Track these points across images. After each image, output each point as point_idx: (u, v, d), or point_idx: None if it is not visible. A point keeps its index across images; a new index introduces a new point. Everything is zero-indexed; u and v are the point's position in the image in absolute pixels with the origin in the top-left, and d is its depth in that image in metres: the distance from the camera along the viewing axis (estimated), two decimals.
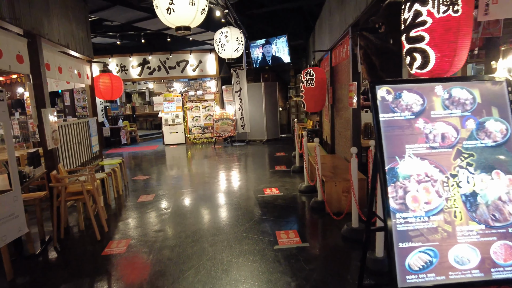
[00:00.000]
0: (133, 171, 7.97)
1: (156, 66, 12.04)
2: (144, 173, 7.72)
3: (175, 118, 12.22)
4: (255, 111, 11.51)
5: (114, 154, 10.83)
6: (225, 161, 8.64)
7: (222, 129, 11.47)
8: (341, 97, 6.33)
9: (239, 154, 9.54)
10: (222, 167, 7.92)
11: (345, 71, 5.83)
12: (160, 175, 7.42)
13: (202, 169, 7.86)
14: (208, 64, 12.18)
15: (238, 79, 11.16)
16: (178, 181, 6.72)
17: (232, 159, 8.82)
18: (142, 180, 6.98)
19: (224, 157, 9.25)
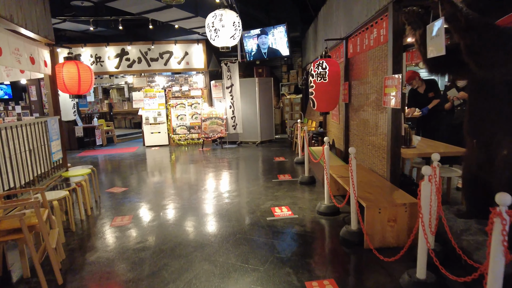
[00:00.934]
0: (107, 180, 6.65)
1: (136, 57, 10.67)
2: (121, 182, 6.42)
3: (157, 117, 10.89)
4: (248, 110, 10.32)
5: (87, 158, 9.42)
6: (217, 167, 7.43)
7: (211, 130, 10.23)
8: (362, 94, 5.23)
9: (232, 159, 8.34)
10: (214, 175, 6.71)
11: (371, 62, 4.72)
12: (139, 186, 6.15)
13: (190, 178, 6.63)
14: (195, 56, 10.90)
15: (230, 73, 9.94)
16: (161, 196, 5.48)
17: (224, 165, 7.61)
18: (118, 193, 5.70)
19: (215, 162, 8.03)
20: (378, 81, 4.45)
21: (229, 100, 10.10)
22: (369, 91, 4.88)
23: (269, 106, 10.61)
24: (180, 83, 11.15)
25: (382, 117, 4.32)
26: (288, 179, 6.12)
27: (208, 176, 6.68)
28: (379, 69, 4.40)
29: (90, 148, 11.18)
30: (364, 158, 5.13)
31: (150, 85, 11.08)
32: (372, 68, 4.72)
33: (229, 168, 7.35)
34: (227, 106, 10.21)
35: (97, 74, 10.75)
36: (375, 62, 4.57)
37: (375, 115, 4.59)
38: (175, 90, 10.97)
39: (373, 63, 4.67)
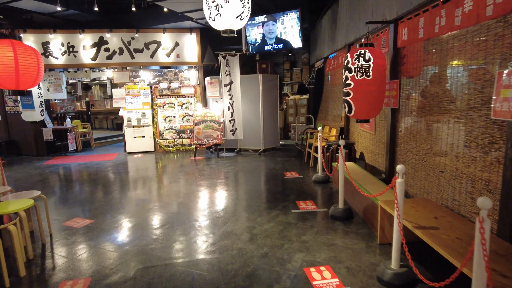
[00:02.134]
0: (68, 206, 4.99)
1: (117, 48, 8.97)
2: (86, 210, 4.78)
3: (141, 118, 9.22)
4: (249, 112, 8.73)
5: (54, 168, 7.70)
6: (213, 186, 5.83)
7: (205, 135, 8.61)
8: (428, 98, 3.70)
9: (231, 172, 6.75)
10: (209, 201, 5.11)
11: (453, 51, 3.18)
12: (109, 217, 4.52)
13: (181, 202, 5.02)
14: (188, 47, 9.25)
15: (229, 68, 8.33)
16: (140, 237, 3.87)
17: (222, 183, 6.02)
18: (79, 229, 4.06)
19: (211, 176, 6.43)
20: (474, 78, 2.91)
21: (228, 100, 8.49)
22: (445, 95, 3.34)
23: (274, 107, 9.03)
24: (169, 79, 9.50)
25: (485, 134, 2.78)
26: (312, 209, 4.56)
27: (202, 202, 5.07)
28: (478, 59, 2.86)
29: (62, 154, 9.45)
30: (430, 188, 3.59)
31: (133, 81, 9.40)
32: (458, 58, 3.17)
33: (229, 187, 5.75)
34: (224, 107, 8.60)
35: (69, 67, 9.02)
36: (466, 49, 3.02)
37: (465, 129, 3.04)
38: (163, 87, 9.31)
39: (460, 51, 3.12)
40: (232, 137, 8.65)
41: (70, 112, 10.64)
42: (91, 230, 4.04)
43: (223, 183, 5.99)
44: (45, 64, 8.58)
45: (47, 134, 9.13)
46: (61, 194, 5.64)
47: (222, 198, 5.15)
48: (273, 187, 5.69)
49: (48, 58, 8.75)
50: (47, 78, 9.01)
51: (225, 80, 8.45)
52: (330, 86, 8.29)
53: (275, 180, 6.15)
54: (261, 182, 6.06)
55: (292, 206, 4.67)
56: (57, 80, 9.06)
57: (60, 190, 5.89)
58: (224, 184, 5.93)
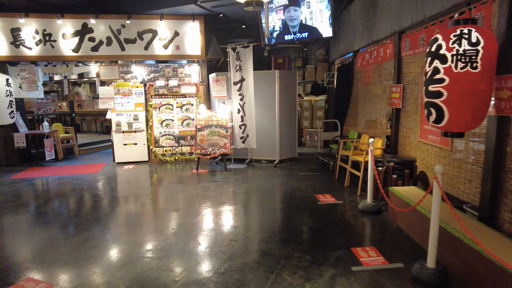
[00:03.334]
0: (19, 256, 3.48)
1: (104, 37, 7.46)
2: (44, 263, 3.27)
3: (132, 122, 7.71)
4: (263, 116, 7.26)
5: (22, 184, 6.16)
6: (223, 216, 4.35)
7: (210, 143, 7.11)
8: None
9: (245, 194, 5.26)
10: (220, 247, 3.62)
11: None
12: (78, 276, 3.00)
13: (176, 251, 3.51)
14: (189, 37, 7.76)
15: (239, 62, 6.84)
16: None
17: (235, 211, 4.54)
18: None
19: (218, 200, 4.94)
20: None
21: (238, 101, 7.00)
22: None
23: (292, 110, 7.56)
24: (167, 75, 8.00)
25: None
26: (380, 263, 3.07)
27: (207, 254, 3.57)
28: None
29: (39, 164, 7.91)
30: None
31: (124, 78, 7.89)
32: None
33: (246, 220, 4.26)
34: (233, 110, 7.11)
35: (45, 60, 7.48)
36: None
37: None
38: (159, 85, 7.80)
39: None
40: (242, 145, 7.16)
41: (50, 114, 9.08)
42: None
43: (236, 213, 4.50)
44: (16, 55, 7.07)
45: (19, 141, 7.58)
46: (16, 230, 4.11)
47: (237, 242, 3.65)
48: (308, 220, 4.20)
49: (19, 48, 7.22)
50: (18, 73, 7.47)
51: (235, 77, 6.96)
52: (362, 85, 6.83)
53: (306, 207, 4.66)
54: (289, 211, 4.57)
55: (349, 257, 3.18)
56: (31, 75, 7.52)
57: (15, 223, 4.36)
58: (237, 215, 4.44)
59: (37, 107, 8.69)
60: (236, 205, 4.76)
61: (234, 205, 4.76)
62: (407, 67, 4.97)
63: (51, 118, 9.51)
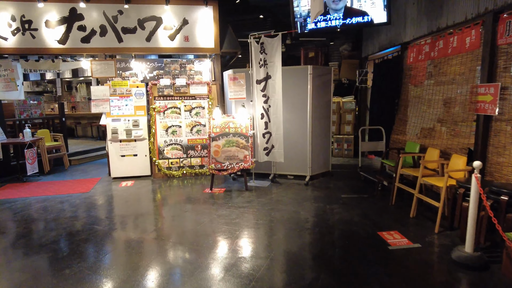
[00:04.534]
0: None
1: (97, 25, 6.12)
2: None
3: (132, 129, 6.37)
4: (291, 121, 5.92)
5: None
6: (256, 268, 2.99)
7: (227, 155, 5.76)
8: None
9: (280, 230, 3.91)
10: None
11: None
12: None
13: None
14: (200, 26, 6.42)
15: (264, 56, 5.50)
16: None
17: (272, 258, 3.20)
18: None
19: (244, 238, 3.60)
20: None
21: (261, 103, 5.64)
22: None
23: (326, 114, 6.22)
24: (173, 73, 6.65)
25: None
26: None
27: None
28: None
29: (19, 179, 6.57)
30: None
31: (122, 75, 6.55)
32: None
33: (291, 278, 2.90)
34: (255, 114, 5.76)
35: (25, 53, 6.13)
36: None
37: None
38: (164, 84, 6.45)
39: None
40: (266, 158, 5.80)
41: (35, 118, 7.74)
42: None
43: (275, 269, 3.13)
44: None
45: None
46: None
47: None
48: (388, 282, 2.83)
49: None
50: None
51: (258, 74, 5.61)
52: (414, 85, 5.49)
53: (373, 254, 3.31)
54: (352, 262, 3.21)
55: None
56: (8, 72, 6.18)
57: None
58: (276, 273, 3.07)
59: (19, 110, 7.34)
60: (272, 252, 3.40)
61: (268, 251, 3.40)
62: (508, 59, 3.60)
63: (38, 124, 8.18)
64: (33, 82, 14.35)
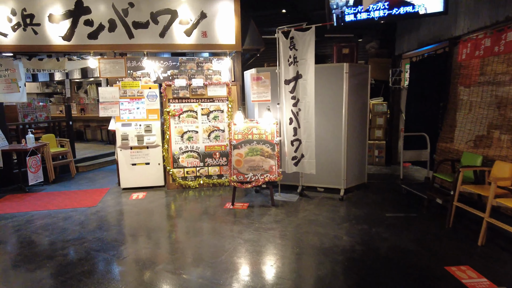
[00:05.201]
0: None
1: (106, 20, 5.50)
2: None
3: (144, 134, 5.73)
4: (323, 126, 5.21)
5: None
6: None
7: (250, 165, 5.07)
8: None
9: (317, 259, 3.20)
10: None
11: None
12: None
13: None
14: (220, 21, 5.75)
15: (294, 52, 4.80)
16: None
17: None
18: None
19: (276, 269, 2.90)
20: None
21: (290, 106, 4.94)
22: None
23: (362, 119, 5.50)
24: (189, 72, 5.99)
25: None
26: None
27: None
28: None
29: (21, 189, 6.00)
30: None
31: (133, 75, 5.92)
32: None
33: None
34: (283, 119, 5.06)
35: (26, 50, 5.54)
36: None
37: None
38: (179, 85, 5.80)
39: None
40: (294, 169, 5.10)
41: (40, 122, 7.17)
42: None
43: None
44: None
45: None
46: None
47: None
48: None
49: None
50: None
51: (287, 73, 4.91)
52: (466, 86, 4.73)
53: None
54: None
55: None
56: (9, 72, 5.61)
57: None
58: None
59: (23, 114, 6.78)
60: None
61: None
62: None
63: (44, 128, 7.62)
64: (43, 83, 13.94)
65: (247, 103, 6.09)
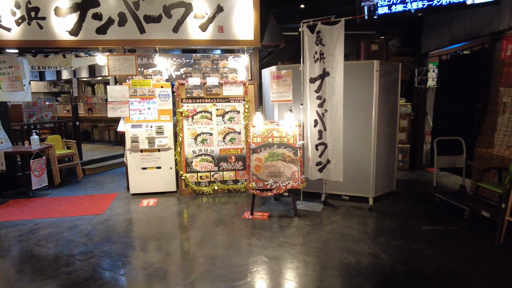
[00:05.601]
0: None
1: (116, 13, 5.12)
2: None
3: (155, 137, 5.34)
4: (350, 130, 4.77)
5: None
6: None
7: (270, 171, 4.65)
8: None
9: (357, 282, 2.77)
10: None
11: None
12: None
13: None
14: (238, 14, 5.35)
15: (321, 48, 4.37)
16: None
17: None
18: None
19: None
20: None
21: (314, 107, 4.51)
22: None
23: (391, 121, 5.07)
24: (203, 70, 5.58)
25: None
26: None
27: None
28: None
29: (26, 193, 5.64)
30: None
31: (144, 73, 5.54)
32: None
33: None
34: (307, 121, 4.63)
35: (31, 46, 5.18)
36: None
37: None
38: (193, 84, 5.41)
39: None
40: (319, 176, 4.67)
41: (45, 122, 6.83)
42: None
43: None
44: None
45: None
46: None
47: None
48: None
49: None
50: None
51: (313, 70, 4.48)
52: (510, 86, 4.27)
53: None
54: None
55: None
56: (14, 69, 5.25)
57: None
58: None
59: (28, 114, 6.44)
60: None
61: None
62: None
63: (50, 128, 7.28)
64: (50, 82, 13.65)
65: (265, 103, 5.68)
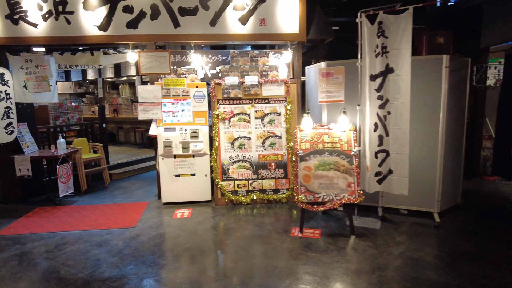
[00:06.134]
0: None
1: (148, 5, 4.68)
2: None
3: (190, 141, 4.86)
4: (413, 134, 4.13)
5: (3, 253, 3.44)
6: None
7: (321, 182, 4.07)
8: None
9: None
10: None
11: None
12: None
13: None
14: (282, 5, 4.80)
15: (383, 41, 3.77)
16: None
17: None
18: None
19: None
20: None
21: (374, 109, 3.91)
22: None
23: (459, 125, 4.40)
24: (241, 68, 5.06)
25: None
26: None
27: None
28: None
29: (52, 200, 5.28)
30: None
31: (178, 72, 5.07)
32: None
33: None
34: (364, 125, 4.04)
35: (58, 42, 4.78)
36: None
37: None
38: (230, 83, 4.90)
39: None
40: (378, 188, 4.06)
41: (71, 125, 6.48)
42: None
43: None
44: (14, 36, 4.47)
45: (22, 167, 4.97)
46: None
47: None
48: None
49: (19, 25, 4.61)
50: (22, 65, 4.87)
51: (373, 66, 3.89)
52: None
53: None
54: None
55: None
56: (40, 69, 4.88)
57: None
58: None
59: (54, 115, 6.09)
60: None
61: None
62: None
63: (76, 131, 6.94)
64: (75, 83, 13.52)
65: (309, 105, 5.12)
